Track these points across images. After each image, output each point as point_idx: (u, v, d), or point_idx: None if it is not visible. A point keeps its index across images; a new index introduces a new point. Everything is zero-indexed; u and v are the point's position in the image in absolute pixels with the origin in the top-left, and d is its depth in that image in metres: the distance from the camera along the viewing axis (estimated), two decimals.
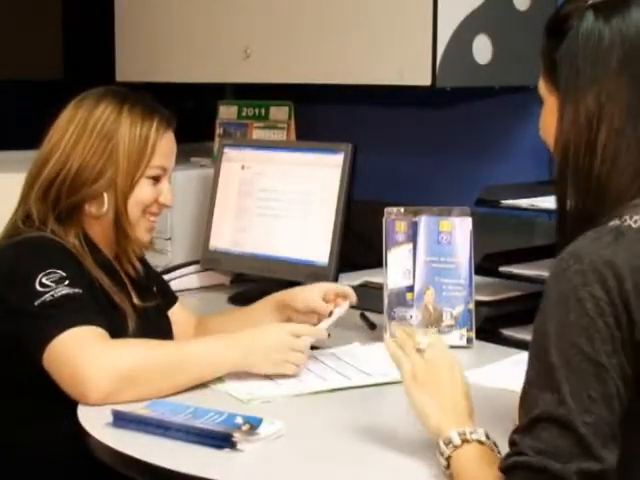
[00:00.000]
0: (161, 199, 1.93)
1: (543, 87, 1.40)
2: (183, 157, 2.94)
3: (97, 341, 1.69)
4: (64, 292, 1.72)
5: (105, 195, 1.87)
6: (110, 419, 1.59)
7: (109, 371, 1.65)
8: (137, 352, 1.70)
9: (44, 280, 1.73)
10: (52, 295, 1.71)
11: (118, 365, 1.66)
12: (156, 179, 1.92)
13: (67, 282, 1.74)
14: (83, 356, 1.66)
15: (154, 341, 1.77)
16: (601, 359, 1.18)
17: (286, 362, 1.81)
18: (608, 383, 1.18)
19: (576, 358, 1.18)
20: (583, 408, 1.17)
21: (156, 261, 2.18)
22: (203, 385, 1.76)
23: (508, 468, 1.21)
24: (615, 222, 1.27)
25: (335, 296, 2.00)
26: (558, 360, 1.19)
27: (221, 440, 1.50)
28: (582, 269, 1.21)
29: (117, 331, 1.77)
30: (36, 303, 1.71)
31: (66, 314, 1.70)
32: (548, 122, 1.38)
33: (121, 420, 1.58)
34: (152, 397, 1.66)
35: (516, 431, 1.22)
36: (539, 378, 1.21)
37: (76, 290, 1.74)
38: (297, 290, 2.07)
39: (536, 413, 1.20)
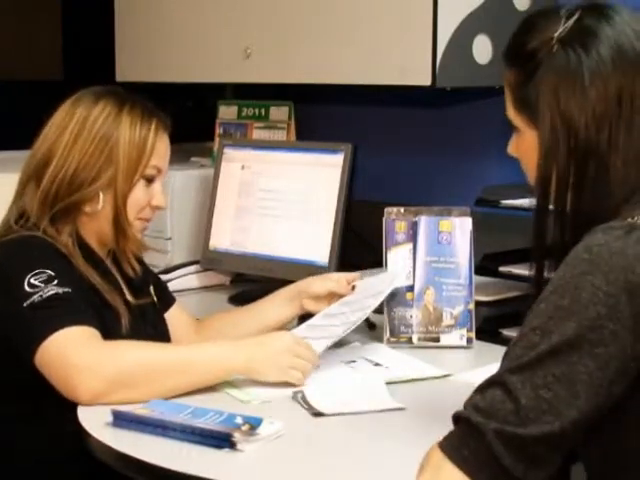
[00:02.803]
0: (153, 202, 1.93)
1: (517, 118, 1.42)
2: (183, 157, 2.95)
3: (88, 342, 1.68)
4: (52, 292, 1.72)
5: (100, 194, 1.87)
6: (110, 419, 1.59)
7: (99, 372, 1.65)
8: (129, 354, 1.69)
9: (32, 280, 1.73)
10: (40, 296, 1.71)
11: (109, 366, 1.66)
12: (150, 180, 1.92)
13: (56, 282, 1.73)
14: (74, 357, 1.65)
15: (149, 343, 1.75)
16: (581, 345, 1.19)
17: (292, 369, 1.77)
18: (578, 369, 1.19)
19: (556, 339, 1.20)
20: (543, 383, 1.19)
21: (156, 261, 2.18)
22: None
23: (453, 418, 1.27)
24: (629, 220, 1.27)
25: (347, 282, 2.04)
26: (538, 338, 1.21)
27: (221, 440, 1.50)
28: (589, 258, 1.22)
29: (110, 329, 1.77)
30: (25, 304, 1.70)
31: (56, 315, 1.70)
32: (529, 155, 1.40)
33: (121, 420, 1.58)
34: (144, 400, 1.64)
35: (478, 386, 1.26)
36: (515, 346, 1.24)
37: (65, 289, 1.73)
38: (312, 277, 2.10)
39: (495, 375, 1.24)
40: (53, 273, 1.75)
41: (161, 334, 1.98)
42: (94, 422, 1.61)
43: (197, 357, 1.74)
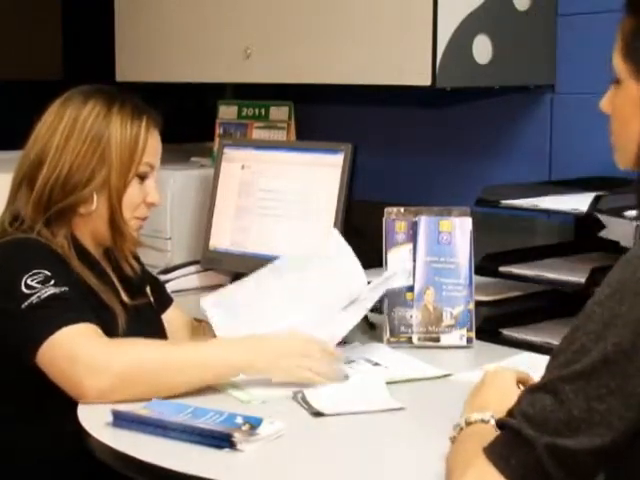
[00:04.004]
0: (148, 199, 1.94)
1: (622, 67, 1.33)
2: (183, 157, 2.95)
3: (92, 338, 1.69)
4: (50, 292, 1.72)
5: (95, 195, 1.87)
6: (110, 419, 1.59)
7: (106, 369, 1.65)
8: (134, 351, 1.70)
9: (29, 282, 1.72)
10: (39, 297, 1.71)
11: (115, 363, 1.66)
12: (143, 178, 1.92)
13: (53, 282, 1.73)
14: (79, 354, 1.66)
15: (152, 341, 1.75)
16: (637, 356, 1.14)
17: (298, 367, 1.75)
18: (633, 382, 1.14)
19: (612, 348, 1.14)
20: (597, 395, 1.14)
21: (156, 261, 2.18)
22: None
23: (499, 425, 1.22)
24: None
25: None
26: (592, 344, 1.16)
27: (221, 440, 1.50)
28: None
29: (107, 330, 1.77)
30: (23, 306, 1.70)
31: (56, 314, 1.70)
32: (624, 110, 1.33)
33: (121, 420, 1.58)
34: (148, 397, 1.64)
35: (528, 388, 1.22)
36: (567, 349, 1.18)
37: (63, 289, 1.73)
38: None
39: (545, 379, 1.19)
40: (50, 273, 1.75)
41: (158, 333, 1.98)
42: (94, 422, 1.61)
43: (202, 356, 1.73)
